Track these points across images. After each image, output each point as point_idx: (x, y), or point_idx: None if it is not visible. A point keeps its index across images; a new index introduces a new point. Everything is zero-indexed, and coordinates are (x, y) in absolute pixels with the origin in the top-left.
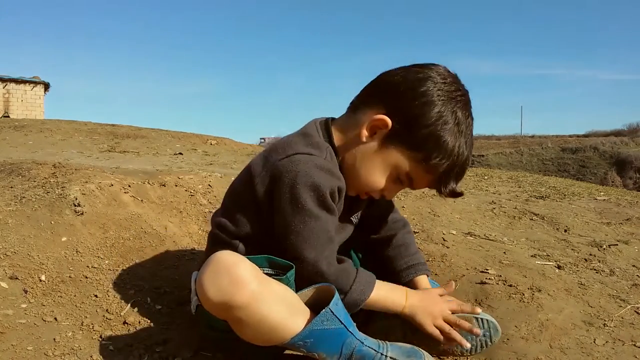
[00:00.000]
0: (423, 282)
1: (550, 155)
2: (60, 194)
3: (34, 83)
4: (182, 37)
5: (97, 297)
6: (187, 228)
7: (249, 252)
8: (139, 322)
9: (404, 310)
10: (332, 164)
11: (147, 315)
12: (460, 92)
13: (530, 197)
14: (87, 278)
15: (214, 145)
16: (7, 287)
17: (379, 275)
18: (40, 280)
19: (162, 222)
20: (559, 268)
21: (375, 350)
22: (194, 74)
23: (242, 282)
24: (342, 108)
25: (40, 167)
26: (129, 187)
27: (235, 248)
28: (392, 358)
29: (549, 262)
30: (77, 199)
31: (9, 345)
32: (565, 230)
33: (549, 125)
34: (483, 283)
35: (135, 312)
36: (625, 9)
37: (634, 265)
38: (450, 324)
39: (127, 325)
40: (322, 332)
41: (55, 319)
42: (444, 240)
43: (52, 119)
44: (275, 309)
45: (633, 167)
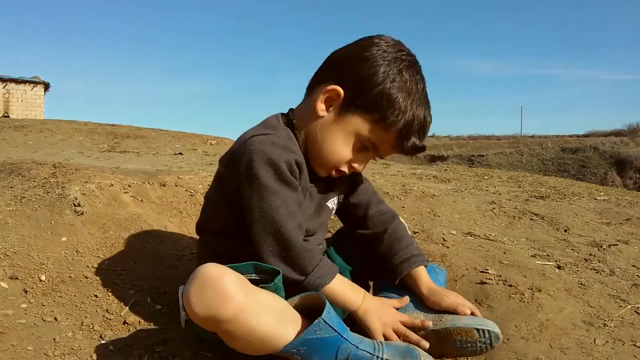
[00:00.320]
0: (421, 274)
1: (550, 155)
2: (60, 194)
3: (34, 83)
4: (182, 37)
5: (97, 297)
6: (187, 228)
7: (230, 245)
8: (139, 322)
9: (358, 311)
10: (288, 141)
11: (147, 315)
12: (405, 52)
13: (530, 197)
14: (87, 278)
15: (214, 145)
16: (7, 287)
17: (378, 274)
18: (40, 280)
19: (162, 222)
20: (559, 268)
21: (371, 354)
22: (194, 74)
23: (227, 295)
24: None
25: (40, 167)
26: (129, 187)
27: (217, 245)
28: (387, 359)
29: (549, 262)
30: (77, 199)
31: (9, 345)
32: (565, 230)
33: (549, 125)
34: (483, 283)
35: (135, 312)
36: (625, 9)
37: (634, 265)
38: (399, 335)
39: (127, 325)
40: (315, 340)
41: (55, 319)
42: (444, 240)
43: (52, 119)
44: (264, 319)
45: (633, 167)
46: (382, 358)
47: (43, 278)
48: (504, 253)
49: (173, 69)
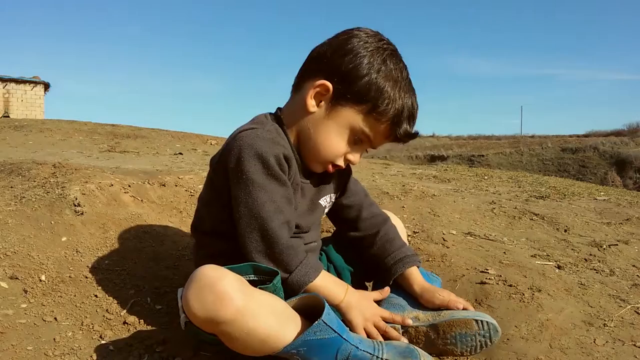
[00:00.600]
0: (413, 274)
1: (550, 155)
2: (60, 194)
3: (34, 83)
4: (182, 37)
5: (97, 297)
6: (187, 228)
7: (224, 244)
8: (139, 322)
9: (340, 305)
10: (275, 135)
11: (147, 315)
12: (385, 42)
13: (530, 197)
14: (87, 278)
15: (214, 145)
16: (7, 287)
17: (371, 276)
18: (40, 280)
19: (162, 222)
20: (559, 268)
21: (371, 354)
22: (194, 74)
23: (226, 297)
24: None
25: (40, 167)
26: (129, 187)
27: (212, 245)
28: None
29: (549, 262)
30: (77, 199)
31: (9, 345)
32: (565, 230)
33: (549, 125)
34: (483, 283)
35: (135, 312)
36: (625, 9)
37: (634, 265)
38: (379, 330)
39: (127, 325)
40: (315, 341)
41: (55, 319)
42: (444, 240)
43: (52, 119)
44: (263, 321)
45: (633, 167)
46: (382, 358)
47: (43, 278)
48: (504, 253)
49: (173, 69)
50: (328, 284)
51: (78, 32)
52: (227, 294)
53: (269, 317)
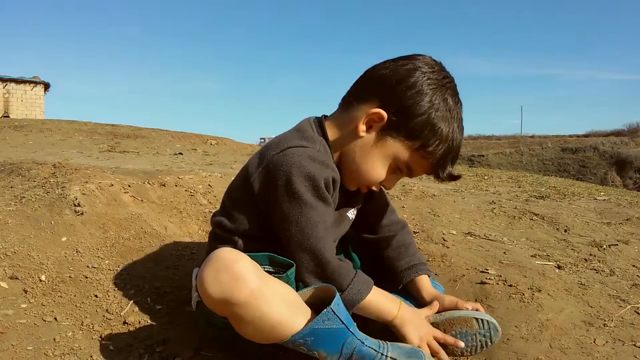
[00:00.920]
0: (424, 282)
1: (550, 155)
2: (60, 194)
3: (34, 83)
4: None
5: (97, 297)
6: (187, 228)
7: (247, 248)
8: (139, 322)
9: (394, 321)
10: (325, 156)
11: (147, 315)
12: (448, 79)
13: (530, 197)
14: (87, 278)
15: (214, 145)
16: (7, 287)
17: (379, 277)
18: (40, 280)
19: (162, 222)
20: (559, 268)
21: (376, 350)
22: (194, 74)
23: (242, 279)
24: None
25: (40, 167)
26: (129, 187)
27: (234, 245)
28: (392, 358)
29: (549, 262)
30: (77, 199)
31: (9, 345)
32: (565, 230)
33: (549, 125)
34: (483, 283)
35: (135, 312)
36: (625, 9)
37: (634, 265)
38: (432, 351)
39: (127, 325)
40: (323, 331)
41: (55, 319)
42: (444, 240)
43: (52, 119)
44: (275, 307)
45: (633, 167)
46: (386, 356)
47: (43, 278)
48: (504, 253)
49: (173, 69)
50: (380, 300)
51: (78, 32)
52: (242, 275)
53: (281, 304)
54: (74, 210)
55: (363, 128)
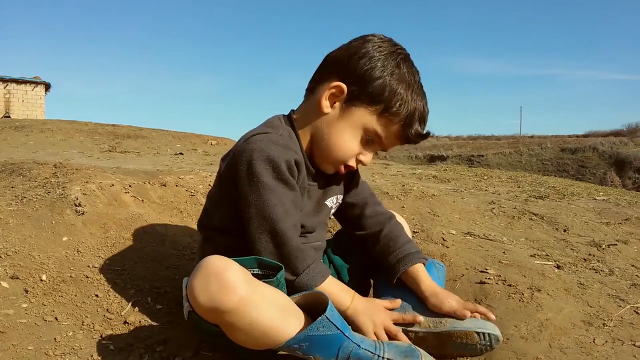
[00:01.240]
0: (420, 273)
1: (550, 156)
2: (61, 194)
3: (35, 83)
4: (182, 37)
5: (97, 296)
6: (187, 228)
7: (223, 242)
8: (140, 321)
9: (347, 311)
10: (288, 140)
11: (147, 315)
12: (399, 47)
13: (530, 197)
14: (87, 278)
15: (214, 145)
16: (8, 286)
17: (378, 275)
18: (41, 280)
19: (162, 222)
20: (559, 268)
21: (372, 353)
22: (195, 74)
23: (231, 287)
24: None
25: (41, 167)
26: (130, 187)
27: (218, 241)
28: (388, 359)
29: (549, 262)
30: (77, 199)
31: (10, 345)
32: (565, 230)
33: (549, 125)
34: (483, 283)
35: (136, 311)
36: (625, 9)
37: (633, 265)
38: (390, 335)
39: (127, 325)
40: (318, 337)
41: (56, 319)
42: (444, 240)
43: (53, 119)
44: (267, 313)
45: (632, 167)
46: (383, 357)
47: (44, 278)
48: (504, 253)
49: (173, 69)
50: (334, 290)
51: (78, 32)
52: (231, 283)
53: (272, 309)
54: (75, 210)
55: (326, 104)
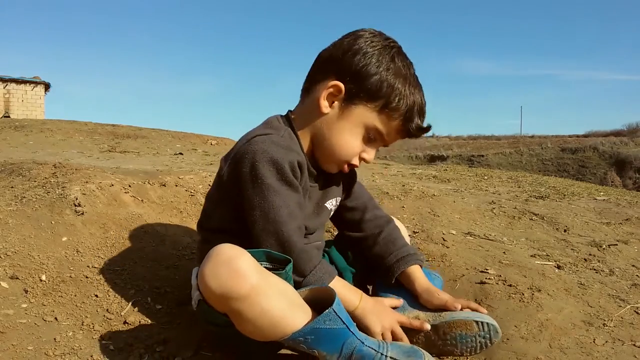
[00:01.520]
0: (416, 273)
1: (550, 156)
2: (61, 194)
3: (35, 83)
4: (182, 37)
5: (97, 297)
6: (187, 228)
7: (226, 241)
8: (139, 321)
9: (356, 311)
10: (289, 141)
11: (147, 315)
12: (391, 40)
13: (530, 197)
14: (87, 278)
15: (214, 145)
16: (7, 287)
17: (373, 275)
18: (41, 280)
19: (162, 222)
20: (559, 268)
21: (376, 350)
22: (195, 74)
23: (242, 274)
24: None
25: (41, 167)
26: (130, 187)
27: (212, 241)
28: (392, 358)
29: (549, 262)
30: (77, 199)
31: (10, 345)
32: (565, 230)
33: (549, 125)
34: (483, 283)
35: (136, 312)
36: (625, 9)
37: (634, 265)
38: (396, 338)
39: (127, 325)
40: (324, 330)
41: (56, 319)
42: (444, 240)
43: (52, 119)
44: (276, 303)
45: (633, 167)
46: (386, 356)
47: (43, 278)
48: (504, 253)
49: (173, 69)
50: (342, 290)
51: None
52: (243, 271)
53: (281, 300)
54: (75, 210)
55: (325, 104)
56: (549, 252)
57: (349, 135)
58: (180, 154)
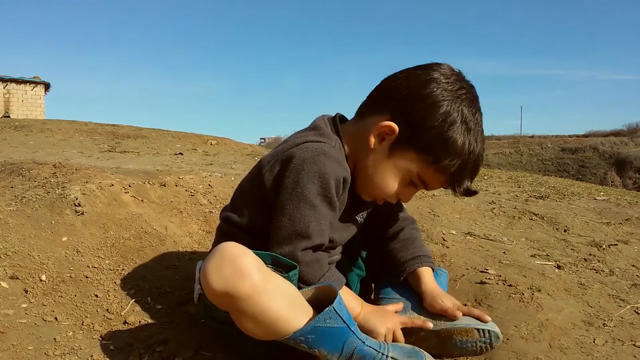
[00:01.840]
0: (426, 273)
1: (550, 156)
2: (61, 194)
3: (35, 83)
4: (182, 37)
5: (97, 297)
6: (187, 228)
7: (252, 244)
8: (139, 321)
9: (357, 317)
10: (339, 153)
11: (147, 315)
12: (465, 89)
13: (530, 197)
14: (87, 278)
15: (214, 145)
16: (7, 286)
17: (381, 270)
18: (41, 280)
19: (162, 222)
20: (559, 268)
21: (377, 351)
22: (195, 74)
23: (245, 273)
24: (341, 108)
25: (41, 167)
26: (130, 187)
27: (240, 239)
28: (393, 358)
29: (549, 262)
30: (77, 199)
31: (10, 345)
32: (565, 230)
33: (549, 125)
34: (483, 283)
35: (136, 312)
36: (625, 10)
37: (634, 265)
38: (396, 340)
39: (127, 325)
40: (324, 329)
41: (56, 319)
42: (444, 240)
43: (52, 119)
44: (277, 303)
45: (633, 167)
46: (387, 356)
47: (43, 278)
48: (504, 253)
49: (173, 69)
50: (348, 297)
51: (78, 32)
52: (246, 270)
53: (283, 299)
54: (75, 210)
55: (374, 140)
56: (549, 252)
57: (391, 177)
58: (180, 154)
